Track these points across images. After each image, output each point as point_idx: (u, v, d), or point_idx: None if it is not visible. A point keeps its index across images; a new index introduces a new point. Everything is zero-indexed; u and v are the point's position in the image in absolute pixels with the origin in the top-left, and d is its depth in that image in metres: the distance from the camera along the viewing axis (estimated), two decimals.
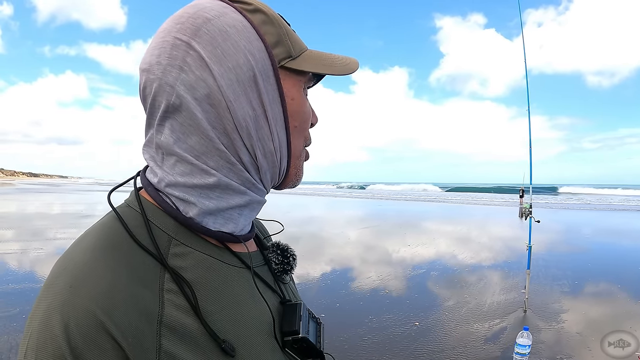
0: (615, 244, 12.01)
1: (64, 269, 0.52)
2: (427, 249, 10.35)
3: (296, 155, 0.68)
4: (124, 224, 0.57)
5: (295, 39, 0.64)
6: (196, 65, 0.56)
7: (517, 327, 5.15)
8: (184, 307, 0.54)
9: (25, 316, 2.87)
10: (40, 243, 10.15)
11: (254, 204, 0.65)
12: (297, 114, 0.65)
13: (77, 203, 25.45)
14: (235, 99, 0.57)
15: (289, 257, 0.76)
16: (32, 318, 0.49)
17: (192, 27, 0.57)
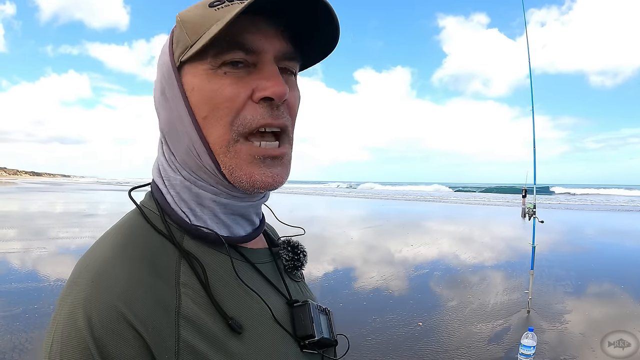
0: (616, 244, 11.98)
1: (87, 265, 0.56)
2: (429, 249, 10.33)
3: (218, 150, 0.61)
4: (144, 215, 0.63)
5: (195, 24, 0.60)
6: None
7: (520, 327, 5.14)
8: (199, 302, 0.57)
9: (29, 316, 2.90)
10: (43, 242, 10.15)
11: (207, 200, 0.65)
12: (201, 104, 0.60)
13: (79, 202, 25.48)
14: (161, 110, 0.65)
15: (299, 254, 0.77)
16: (58, 312, 0.53)
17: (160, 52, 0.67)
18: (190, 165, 0.64)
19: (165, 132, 0.66)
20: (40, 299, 5.77)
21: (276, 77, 0.59)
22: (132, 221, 0.63)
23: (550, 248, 10.12)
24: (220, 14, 0.58)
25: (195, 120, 0.60)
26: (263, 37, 0.60)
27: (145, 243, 0.59)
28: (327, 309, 0.75)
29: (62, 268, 7.60)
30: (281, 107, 0.62)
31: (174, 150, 0.65)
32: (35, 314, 5.16)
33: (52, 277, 6.90)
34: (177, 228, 0.63)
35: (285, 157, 0.64)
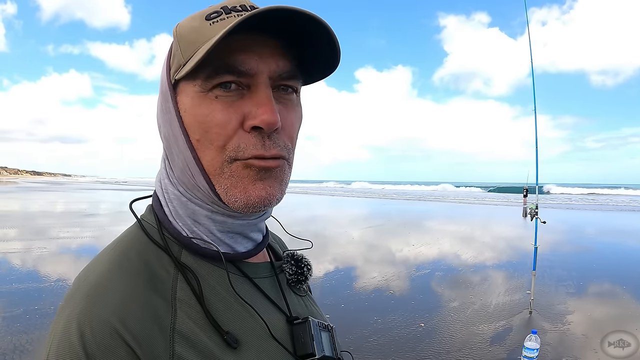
0: (616, 244, 11.98)
1: (84, 280, 0.56)
2: (430, 249, 10.32)
3: (212, 171, 0.59)
4: (143, 228, 0.63)
5: (190, 40, 0.57)
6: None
7: (522, 328, 5.13)
8: (195, 318, 0.56)
9: (29, 317, 2.90)
10: (43, 242, 10.15)
11: (203, 218, 0.64)
12: (193, 126, 0.58)
13: (78, 201, 25.50)
14: (161, 124, 0.64)
15: (303, 267, 0.75)
16: (54, 327, 0.52)
17: None
18: (185, 182, 0.63)
19: (165, 147, 0.66)
20: (41, 299, 5.76)
21: (267, 104, 0.56)
22: (131, 235, 0.63)
23: (551, 248, 10.11)
24: (214, 29, 0.56)
25: (189, 140, 0.59)
26: (257, 57, 0.56)
27: (143, 258, 0.59)
28: (330, 326, 0.73)
29: (62, 268, 7.61)
30: (274, 136, 0.58)
31: (172, 166, 0.65)
32: (36, 315, 5.15)
33: (52, 278, 6.90)
34: (174, 242, 0.62)
35: (278, 169, 0.60)
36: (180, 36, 0.59)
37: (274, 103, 0.56)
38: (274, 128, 0.57)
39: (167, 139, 0.63)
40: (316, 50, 0.60)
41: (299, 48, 0.60)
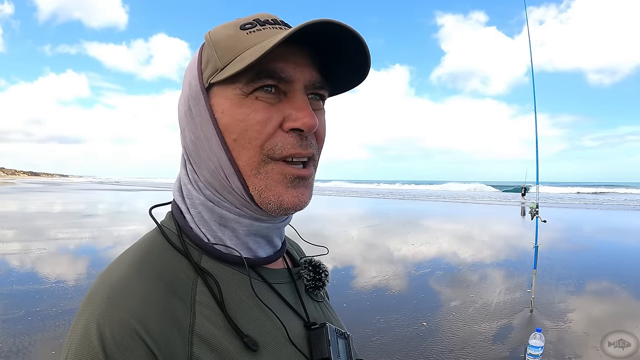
0: (615, 242, 12.01)
1: (103, 282, 0.56)
2: (431, 248, 10.34)
3: (248, 172, 0.61)
4: (163, 233, 0.64)
5: (227, 47, 0.60)
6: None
7: (524, 326, 5.15)
8: (215, 320, 0.57)
9: (31, 318, 2.90)
10: (42, 243, 10.13)
11: (232, 223, 0.65)
12: (231, 127, 0.60)
13: (74, 202, 25.43)
14: (185, 129, 0.65)
15: (320, 274, 0.77)
16: (74, 328, 0.53)
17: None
18: (215, 185, 0.64)
19: (189, 151, 0.66)
20: (42, 301, 5.75)
21: (307, 108, 0.60)
22: (151, 239, 0.64)
23: (550, 246, 10.14)
24: (252, 38, 0.59)
25: (224, 142, 0.60)
26: (294, 65, 0.60)
27: (163, 261, 0.60)
28: (347, 333, 0.74)
29: (62, 269, 7.59)
30: (309, 138, 0.62)
31: (197, 170, 0.65)
32: (37, 317, 5.14)
33: (52, 279, 6.88)
34: (195, 247, 0.63)
35: (310, 178, 0.65)
36: (215, 43, 0.61)
37: (310, 108, 0.60)
38: (313, 130, 0.61)
39: (193, 143, 0.64)
40: (345, 61, 0.64)
41: (325, 59, 0.64)
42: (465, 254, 9.59)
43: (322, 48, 0.62)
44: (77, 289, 6.36)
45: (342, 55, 0.63)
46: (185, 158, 0.67)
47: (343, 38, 0.59)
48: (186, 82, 0.65)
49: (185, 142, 0.66)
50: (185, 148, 0.66)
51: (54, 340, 4.50)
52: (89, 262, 8.34)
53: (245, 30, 0.61)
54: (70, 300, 5.83)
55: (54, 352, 4.24)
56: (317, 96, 0.64)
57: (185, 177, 0.67)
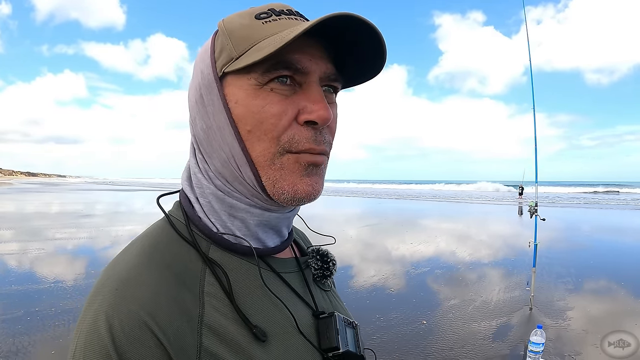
0: (611, 241, 12.04)
1: (112, 273, 0.56)
2: (429, 247, 10.35)
3: (262, 163, 0.60)
4: (171, 223, 0.63)
5: (243, 36, 0.59)
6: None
7: (524, 324, 5.17)
8: (223, 311, 0.57)
9: (30, 318, 2.89)
10: (40, 243, 10.12)
11: (241, 213, 0.64)
12: (245, 118, 0.59)
13: (70, 202, 25.39)
14: (195, 117, 0.64)
15: (328, 263, 0.76)
16: (82, 319, 0.53)
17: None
18: (225, 175, 0.63)
19: (200, 139, 0.65)
20: (41, 301, 5.74)
21: (322, 100, 0.59)
22: (158, 230, 0.63)
23: (548, 245, 10.16)
24: (269, 29, 0.58)
25: (237, 132, 0.60)
26: (310, 57, 0.59)
27: (171, 252, 0.59)
28: (355, 323, 0.73)
29: (60, 269, 7.58)
30: (324, 131, 0.62)
31: (208, 159, 0.64)
32: (37, 317, 5.13)
33: (51, 279, 6.87)
34: (203, 237, 0.63)
35: (323, 165, 0.64)
36: (230, 31, 0.60)
37: (325, 101, 0.60)
38: (327, 124, 0.60)
39: (204, 132, 0.63)
40: (360, 55, 0.63)
41: (339, 51, 0.64)
42: (463, 253, 9.60)
43: (336, 40, 0.61)
44: (75, 289, 6.35)
45: (357, 49, 0.62)
46: (195, 147, 0.66)
47: (359, 31, 0.58)
48: (197, 70, 0.64)
49: (195, 131, 0.65)
50: (196, 137, 0.65)
51: (54, 340, 4.49)
52: (87, 262, 8.32)
53: (260, 20, 0.60)
54: (69, 300, 5.82)
55: (53, 352, 4.23)
56: (330, 88, 0.64)
57: (195, 166, 0.66)
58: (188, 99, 0.66)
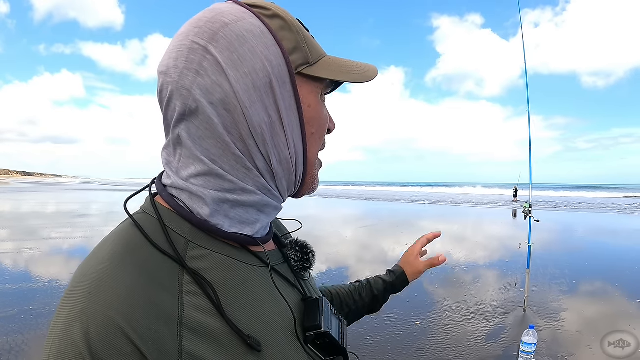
0: (605, 244, 12.09)
1: (83, 276, 0.53)
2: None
3: (312, 163, 0.67)
4: (140, 228, 0.57)
5: (314, 45, 0.63)
6: (212, 69, 0.56)
7: (517, 325, 5.18)
8: (203, 307, 0.54)
9: (25, 317, 2.88)
10: (36, 242, 10.09)
11: (269, 208, 0.66)
12: (313, 121, 0.64)
13: (60, 201, 25.33)
14: (250, 105, 0.57)
15: (308, 254, 0.76)
16: (54, 326, 0.50)
17: (210, 31, 0.57)
18: (279, 173, 0.63)
19: (256, 132, 0.59)
20: (35, 300, 5.73)
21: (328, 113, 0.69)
22: (131, 228, 0.59)
23: (542, 247, 10.19)
24: (318, 45, 0.65)
25: (304, 134, 0.63)
26: None
27: (146, 251, 0.55)
28: (342, 317, 0.75)
29: (55, 269, 7.57)
30: None
31: (259, 154, 0.60)
32: (31, 315, 5.12)
33: (46, 278, 6.86)
34: (179, 234, 0.59)
35: None
36: (301, 32, 0.62)
37: None
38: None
39: (267, 125, 0.59)
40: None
41: None
42: (458, 254, 9.61)
43: None
44: None
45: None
46: (240, 139, 0.59)
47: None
48: (257, 54, 0.58)
49: (250, 120, 0.58)
50: (251, 126, 0.58)
51: None
52: (80, 261, 8.30)
53: (306, 29, 0.64)
54: None
55: None
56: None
57: (232, 158, 0.59)
58: (233, 80, 0.57)
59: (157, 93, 0.61)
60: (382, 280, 1.20)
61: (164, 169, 0.65)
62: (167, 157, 0.63)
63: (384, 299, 1.19)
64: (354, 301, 1.14)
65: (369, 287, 1.18)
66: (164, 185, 0.64)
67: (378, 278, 1.21)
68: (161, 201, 0.63)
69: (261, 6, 0.61)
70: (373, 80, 0.68)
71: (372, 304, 1.17)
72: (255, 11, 0.60)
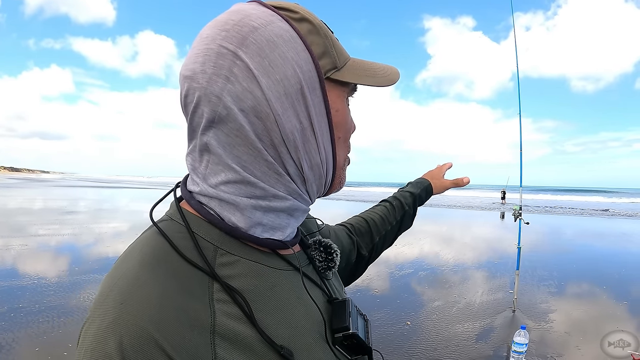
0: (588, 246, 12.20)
1: (114, 285, 0.51)
2: (413, 249, 10.40)
3: (340, 166, 0.67)
4: (168, 239, 0.56)
5: (340, 49, 0.63)
6: (243, 76, 0.54)
7: (507, 326, 5.24)
8: (235, 315, 0.54)
9: (14, 315, 2.86)
10: (24, 239, 10.00)
11: (299, 212, 0.66)
12: (341, 125, 0.64)
13: (58, 199, 25.09)
14: (283, 112, 0.56)
15: (332, 254, 0.75)
16: (85, 336, 0.49)
17: (239, 35, 0.55)
18: (310, 178, 0.63)
19: (288, 139, 0.58)
20: (24, 297, 5.69)
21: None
22: (158, 236, 0.58)
23: (530, 249, 10.28)
24: (342, 48, 0.64)
25: (334, 138, 0.63)
26: None
27: (174, 259, 0.55)
28: (366, 316, 0.75)
29: (43, 266, 7.50)
30: None
31: (290, 161, 0.60)
32: (20, 313, 5.08)
33: (35, 275, 6.81)
34: (207, 241, 0.58)
35: None
36: (325, 35, 0.62)
37: None
38: None
39: (299, 132, 0.59)
40: None
41: None
42: (447, 255, 9.68)
43: None
44: (59, 286, 6.30)
45: None
46: (272, 145, 0.58)
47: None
48: (288, 60, 0.57)
49: (283, 128, 0.57)
50: (283, 134, 0.57)
51: (37, 337, 4.46)
52: (70, 258, 8.22)
53: (331, 32, 0.64)
54: (53, 296, 5.78)
55: (37, 349, 4.19)
56: None
57: (260, 172, 0.59)
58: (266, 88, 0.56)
59: (182, 97, 0.59)
60: (409, 193, 1.24)
61: (190, 174, 0.64)
62: (193, 163, 0.62)
63: (414, 213, 1.24)
64: (390, 226, 1.17)
65: (400, 205, 1.21)
66: (190, 191, 0.63)
67: (404, 192, 1.25)
68: (187, 207, 0.62)
69: (288, 9, 0.60)
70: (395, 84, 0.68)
71: (403, 220, 1.21)
72: (283, 14, 0.59)
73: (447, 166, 1.36)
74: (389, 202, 1.22)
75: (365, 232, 1.12)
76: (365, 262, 1.12)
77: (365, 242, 1.11)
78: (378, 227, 1.14)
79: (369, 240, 1.12)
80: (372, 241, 1.12)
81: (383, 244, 1.16)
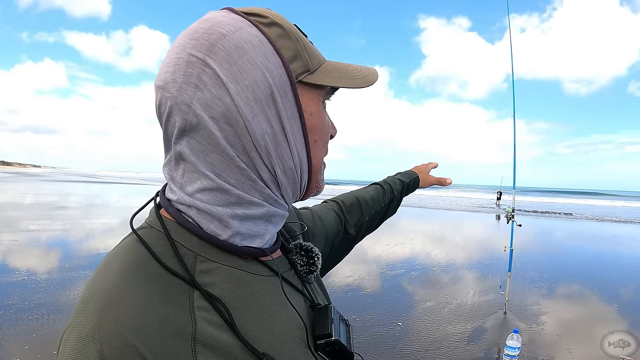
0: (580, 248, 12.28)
1: (94, 293, 0.51)
2: (405, 250, 10.42)
3: (317, 169, 0.66)
4: (147, 247, 0.56)
5: (313, 51, 0.62)
6: (212, 83, 0.55)
7: (498, 328, 5.26)
8: (216, 322, 0.54)
9: (4, 312, 2.82)
10: (14, 235, 9.93)
11: (276, 218, 0.65)
12: (316, 129, 0.63)
13: (49, 194, 24.95)
14: (253, 117, 0.56)
15: (313, 257, 0.75)
16: (65, 343, 0.48)
17: (207, 43, 0.55)
18: (284, 183, 0.62)
19: (259, 144, 0.58)
20: (14, 294, 5.64)
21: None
22: (138, 244, 0.58)
23: (522, 250, 10.32)
24: (316, 50, 0.64)
25: (307, 142, 0.63)
26: None
27: (155, 267, 0.55)
28: (348, 321, 0.75)
29: (34, 262, 7.45)
30: None
31: (262, 166, 0.60)
32: (10, 311, 5.04)
33: (25, 272, 6.76)
34: (187, 248, 0.58)
35: None
36: (300, 39, 0.61)
37: None
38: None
39: (270, 137, 0.58)
40: None
41: None
42: (439, 256, 9.71)
43: None
44: (50, 282, 6.26)
45: None
46: (244, 151, 0.58)
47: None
48: (257, 65, 0.57)
49: (253, 133, 0.57)
50: (254, 139, 0.57)
51: (27, 335, 4.42)
52: (61, 254, 8.17)
53: (304, 35, 0.63)
54: (43, 293, 5.73)
55: (27, 347, 4.16)
56: None
57: (232, 179, 0.59)
58: (234, 93, 0.56)
59: (156, 108, 0.59)
60: (399, 181, 1.28)
61: (168, 183, 0.64)
62: (170, 173, 0.62)
63: (400, 200, 1.28)
64: (379, 207, 1.20)
65: (390, 190, 1.25)
66: (169, 199, 0.63)
67: (395, 178, 1.29)
68: (167, 215, 0.62)
69: (258, 14, 0.60)
70: (374, 84, 0.67)
71: (390, 205, 1.25)
72: (252, 20, 0.59)
73: (432, 165, 1.40)
74: (380, 185, 1.26)
75: (356, 208, 1.15)
76: (351, 241, 1.13)
77: (354, 220, 1.13)
78: (369, 205, 1.17)
79: (358, 218, 1.14)
80: (361, 219, 1.14)
81: (370, 225, 1.18)
